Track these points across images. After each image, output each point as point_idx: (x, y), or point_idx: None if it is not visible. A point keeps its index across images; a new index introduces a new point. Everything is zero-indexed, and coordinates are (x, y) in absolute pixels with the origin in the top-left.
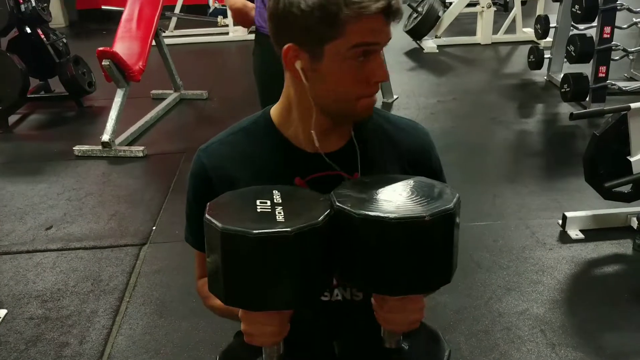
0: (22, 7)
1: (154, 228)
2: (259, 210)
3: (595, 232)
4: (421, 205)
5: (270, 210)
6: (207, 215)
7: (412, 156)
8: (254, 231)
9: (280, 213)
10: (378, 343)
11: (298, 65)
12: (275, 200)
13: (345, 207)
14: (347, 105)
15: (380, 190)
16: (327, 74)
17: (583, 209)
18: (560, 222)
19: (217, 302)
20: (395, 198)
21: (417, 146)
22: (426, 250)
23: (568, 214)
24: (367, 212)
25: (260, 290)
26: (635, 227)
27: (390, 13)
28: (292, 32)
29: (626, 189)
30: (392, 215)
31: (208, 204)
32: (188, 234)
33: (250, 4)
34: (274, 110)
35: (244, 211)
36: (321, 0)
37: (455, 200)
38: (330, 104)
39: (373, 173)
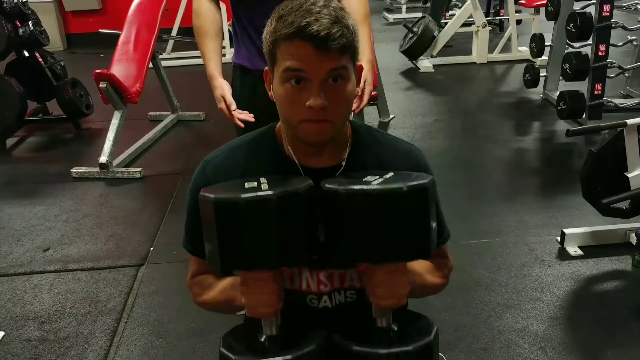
0: (20, 31)
1: (151, 249)
2: (246, 187)
3: (594, 248)
4: (400, 183)
5: (256, 186)
6: (201, 193)
7: None
8: (242, 195)
9: (265, 187)
10: (370, 327)
11: (269, 87)
12: (261, 182)
13: (332, 187)
14: (292, 127)
15: (364, 177)
16: (275, 95)
17: (581, 225)
18: (558, 239)
19: (210, 295)
20: (377, 181)
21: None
22: (404, 219)
23: (566, 231)
24: (352, 187)
25: (250, 249)
26: (634, 243)
27: (313, 39)
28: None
29: (624, 205)
30: (373, 188)
31: (202, 189)
32: (186, 242)
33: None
34: (279, 125)
35: (234, 189)
36: (269, 28)
37: (430, 179)
38: (285, 125)
39: None
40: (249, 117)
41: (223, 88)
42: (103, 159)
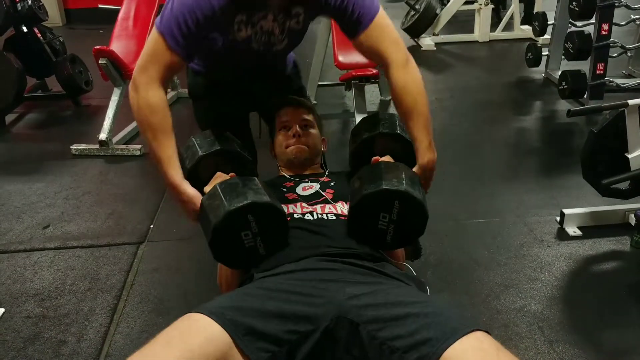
0: (19, 6)
1: (151, 226)
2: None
3: (593, 229)
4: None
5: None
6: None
7: None
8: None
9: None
10: None
11: (272, 150)
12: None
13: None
14: (283, 153)
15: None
16: (275, 141)
17: (581, 206)
18: (558, 219)
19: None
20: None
21: None
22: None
23: (566, 211)
24: (385, 113)
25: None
26: (633, 224)
27: (294, 105)
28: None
29: (624, 185)
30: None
31: None
32: None
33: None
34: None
35: None
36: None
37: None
38: (279, 156)
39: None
40: None
41: (195, 203)
42: (103, 136)
